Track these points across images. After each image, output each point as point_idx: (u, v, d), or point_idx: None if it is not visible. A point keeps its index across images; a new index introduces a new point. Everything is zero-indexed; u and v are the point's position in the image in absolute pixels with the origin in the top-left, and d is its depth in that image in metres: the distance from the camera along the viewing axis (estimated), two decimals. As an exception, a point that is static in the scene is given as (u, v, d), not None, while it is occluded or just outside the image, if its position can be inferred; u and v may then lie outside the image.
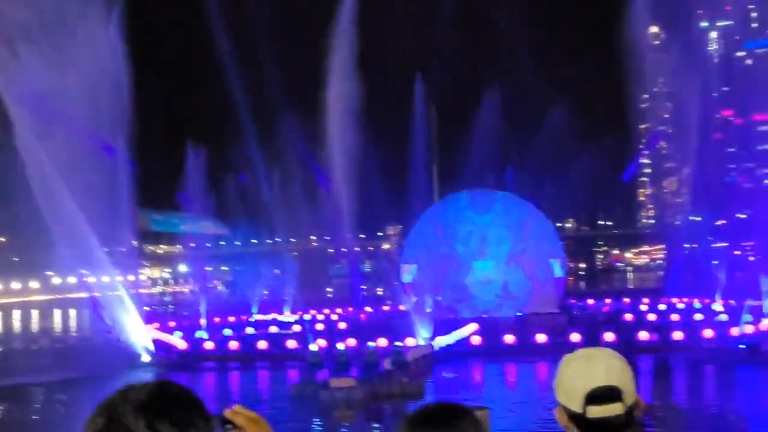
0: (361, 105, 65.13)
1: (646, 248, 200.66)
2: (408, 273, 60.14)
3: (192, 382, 41.72)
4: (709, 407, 31.11)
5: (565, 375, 3.27)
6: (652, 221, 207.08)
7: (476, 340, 46.37)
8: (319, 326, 57.01)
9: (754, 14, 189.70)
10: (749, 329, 43.15)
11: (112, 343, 49.48)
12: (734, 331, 43.45)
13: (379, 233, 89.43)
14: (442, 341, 45.25)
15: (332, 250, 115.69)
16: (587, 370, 3.23)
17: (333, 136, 66.29)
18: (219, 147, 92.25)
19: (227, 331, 54.93)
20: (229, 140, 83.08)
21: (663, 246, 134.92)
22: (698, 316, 53.67)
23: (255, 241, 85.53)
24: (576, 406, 3.20)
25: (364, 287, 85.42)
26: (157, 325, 55.55)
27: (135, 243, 66.47)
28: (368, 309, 67.57)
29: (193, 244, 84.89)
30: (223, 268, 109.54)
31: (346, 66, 65.87)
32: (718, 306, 58.43)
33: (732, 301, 55.21)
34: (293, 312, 65.46)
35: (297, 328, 57.16)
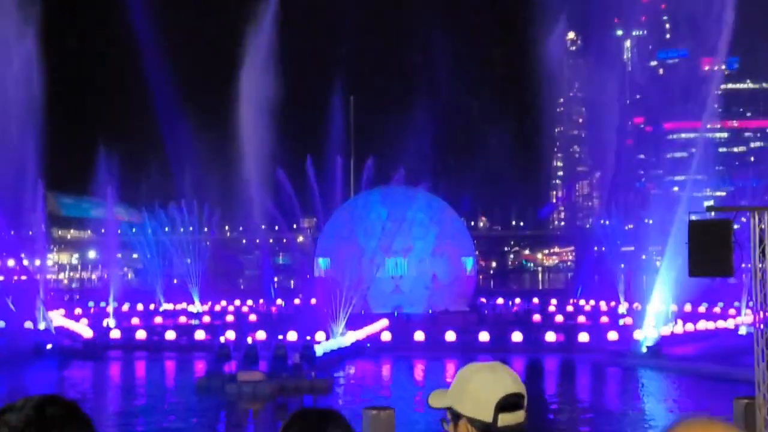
0: (279, 97, 64.71)
1: (556, 249, 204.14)
2: (320, 267, 60.01)
3: (97, 372, 41.03)
4: (609, 407, 31.82)
5: (471, 387, 3.21)
6: (563, 223, 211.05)
7: (387, 336, 46.57)
8: (229, 318, 56.53)
9: (667, 25, 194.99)
10: (652, 332, 44.23)
11: (15, 329, 48.21)
12: (637, 334, 44.51)
13: (294, 225, 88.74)
14: (354, 335, 45.30)
15: (245, 241, 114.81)
16: (495, 380, 3.20)
17: (247, 128, 65.59)
18: (138, 135, 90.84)
19: (135, 320, 54.05)
20: (148, 130, 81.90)
21: (573, 248, 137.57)
22: (604, 319, 54.85)
23: (167, 229, 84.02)
24: (487, 416, 3.16)
25: (277, 279, 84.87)
26: (62, 311, 54.37)
27: (43, 227, 64.78)
28: (279, 302, 67.20)
29: (103, 230, 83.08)
30: (134, 255, 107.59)
31: (263, 59, 65.39)
32: (623, 309, 59.84)
33: (637, 305, 56.49)
34: (203, 302, 64.75)
35: (206, 318, 56.61)
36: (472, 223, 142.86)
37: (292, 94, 70.80)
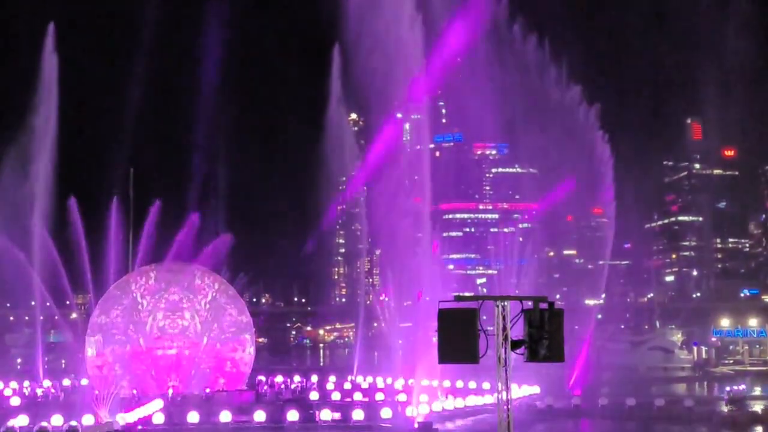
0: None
1: (338, 325, 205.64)
2: (92, 346, 57.69)
3: None
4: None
5: None
6: (344, 300, 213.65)
7: (159, 418, 45.21)
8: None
9: (443, 110, 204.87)
10: (423, 409, 45.39)
11: None
12: (409, 411, 45.55)
13: (67, 302, 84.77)
14: (124, 418, 43.76)
15: (13, 318, 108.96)
16: None
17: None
18: None
19: None
20: None
21: (353, 324, 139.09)
22: (380, 396, 55.71)
23: None
24: None
25: (48, 359, 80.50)
26: None
27: None
28: (47, 383, 63.71)
29: None
30: None
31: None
32: (399, 385, 60.91)
33: (411, 381, 57.74)
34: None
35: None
36: (254, 300, 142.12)
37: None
